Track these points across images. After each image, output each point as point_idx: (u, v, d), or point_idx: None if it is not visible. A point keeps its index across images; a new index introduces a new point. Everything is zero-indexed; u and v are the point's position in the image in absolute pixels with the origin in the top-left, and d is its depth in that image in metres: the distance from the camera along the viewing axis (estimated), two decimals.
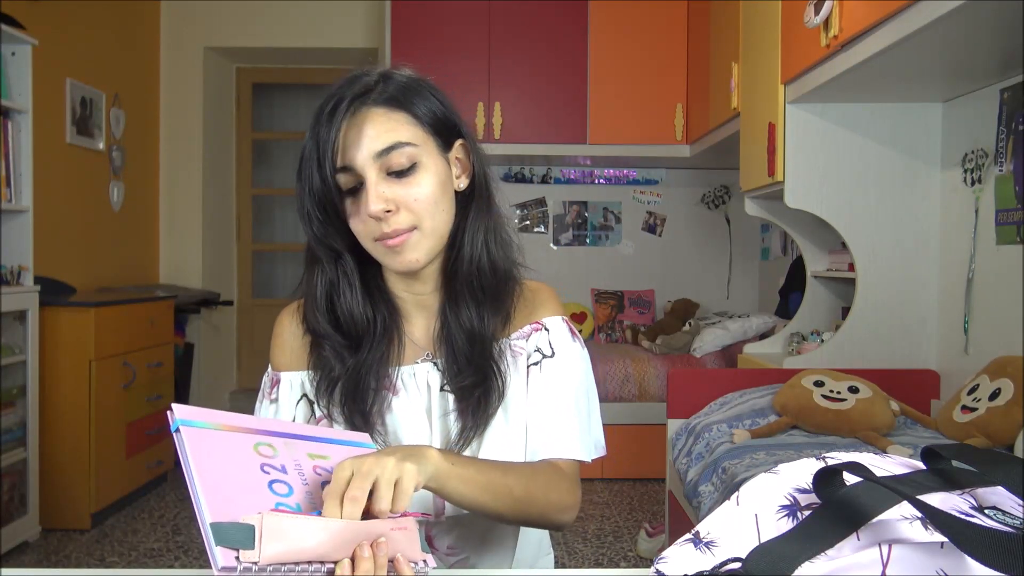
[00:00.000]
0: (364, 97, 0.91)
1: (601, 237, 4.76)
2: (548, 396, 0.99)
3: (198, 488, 0.65)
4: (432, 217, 0.93)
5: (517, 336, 1.02)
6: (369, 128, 0.90)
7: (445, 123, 0.96)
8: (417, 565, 0.72)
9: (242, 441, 0.72)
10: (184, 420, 0.70)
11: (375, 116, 0.91)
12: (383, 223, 0.90)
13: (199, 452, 0.68)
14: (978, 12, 1.62)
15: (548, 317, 1.04)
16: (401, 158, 0.90)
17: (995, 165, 2.30)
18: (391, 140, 0.90)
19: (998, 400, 1.99)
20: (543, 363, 1.01)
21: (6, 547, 2.77)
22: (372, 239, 0.92)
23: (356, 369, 0.97)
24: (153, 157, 4.60)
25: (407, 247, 0.92)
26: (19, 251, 2.96)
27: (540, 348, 1.01)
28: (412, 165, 0.91)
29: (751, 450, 2.11)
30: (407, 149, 0.91)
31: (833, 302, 3.12)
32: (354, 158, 0.89)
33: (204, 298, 4.53)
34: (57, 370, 3.08)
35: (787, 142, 2.65)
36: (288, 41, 4.68)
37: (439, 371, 1.00)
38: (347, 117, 0.90)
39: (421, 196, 0.91)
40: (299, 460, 0.74)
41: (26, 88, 2.96)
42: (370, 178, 0.89)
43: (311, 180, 0.91)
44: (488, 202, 1.01)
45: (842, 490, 0.52)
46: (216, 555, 0.61)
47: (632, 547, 2.97)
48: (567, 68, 4.15)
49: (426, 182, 0.92)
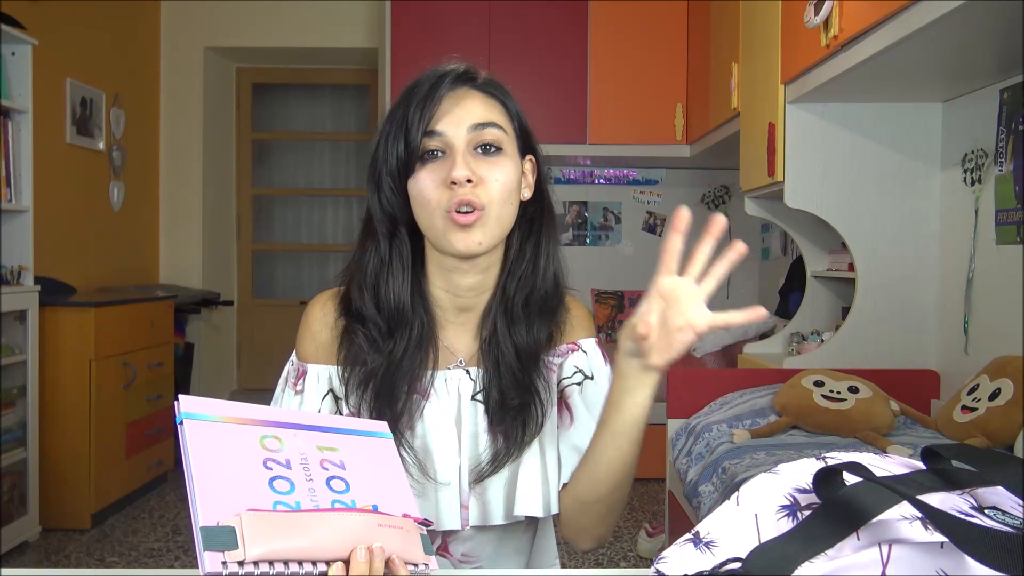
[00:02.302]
0: (464, 79, 0.94)
1: (601, 237, 4.76)
2: (589, 418, 0.99)
3: (194, 489, 0.64)
4: (503, 205, 0.92)
5: (554, 355, 1.01)
6: (468, 103, 0.92)
7: (524, 131, 0.98)
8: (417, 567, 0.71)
9: (247, 434, 0.71)
10: (189, 413, 0.69)
11: (474, 96, 0.94)
12: (460, 190, 0.89)
13: (200, 448, 0.67)
14: (978, 12, 1.62)
15: (584, 339, 1.03)
16: (492, 136, 0.92)
17: (995, 165, 2.29)
18: (488, 118, 0.92)
19: (998, 400, 1.99)
20: (585, 384, 1.00)
21: (6, 547, 2.77)
22: (443, 210, 0.90)
23: (389, 369, 0.94)
24: (153, 157, 4.60)
25: (476, 227, 0.90)
26: (19, 251, 2.96)
27: (581, 369, 1.01)
28: (499, 148, 0.93)
29: (751, 450, 2.11)
30: (498, 132, 0.93)
31: (833, 302, 3.12)
32: (447, 125, 0.91)
33: (204, 298, 4.54)
34: (57, 370, 3.08)
35: (787, 142, 2.65)
36: (288, 41, 4.68)
37: (471, 380, 0.98)
38: (446, 91, 0.92)
39: (502, 178, 0.91)
40: (306, 454, 0.73)
41: (26, 88, 2.96)
42: (459, 147, 0.90)
43: (396, 141, 0.91)
44: (554, 222, 1.01)
45: (842, 490, 0.52)
46: (204, 559, 0.61)
47: (632, 547, 2.97)
48: (567, 68, 4.15)
49: (508, 167, 0.93)
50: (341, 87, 5.20)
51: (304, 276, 5.30)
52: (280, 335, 5.02)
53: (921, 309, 2.65)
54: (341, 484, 0.72)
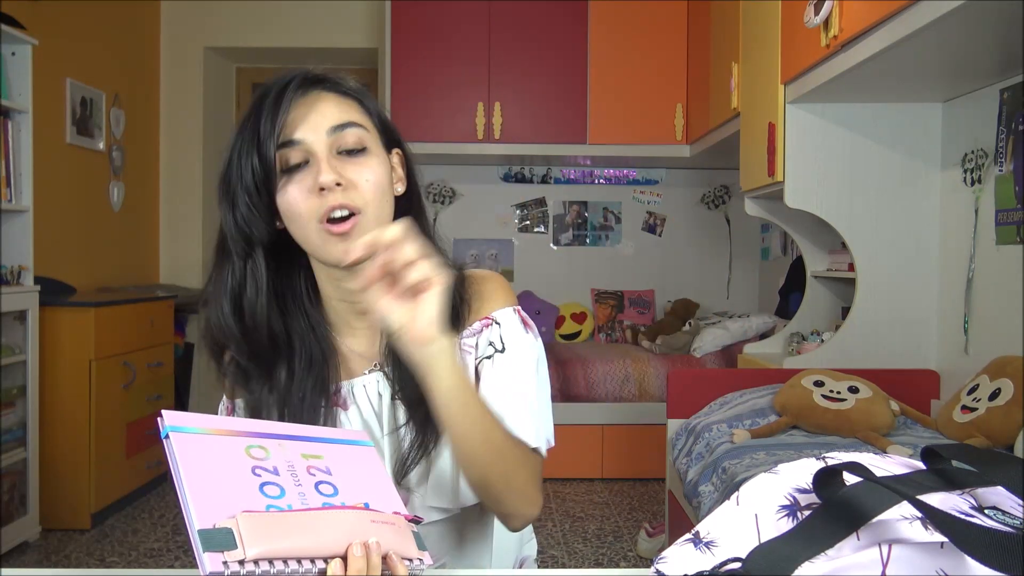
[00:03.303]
0: (315, 83, 0.91)
1: (601, 237, 4.76)
2: (502, 390, 0.94)
3: (187, 494, 0.65)
4: (379, 205, 0.89)
5: (468, 334, 0.97)
6: (322, 106, 0.89)
7: (388, 127, 0.96)
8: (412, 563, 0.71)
9: (233, 445, 0.71)
10: (173, 426, 0.69)
11: (327, 98, 0.90)
12: (331, 196, 0.85)
13: (188, 458, 0.67)
14: (978, 12, 1.62)
15: (498, 310, 0.98)
16: (354, 137, 0.89)
17: (995, 165, 2.30)
18: (345, 118, 0.89)
19: (998, 400, 1.99)
20: (495, 357, 0.95)
21: (6, 547, 2.77)
22: (316, 220, 0.86)
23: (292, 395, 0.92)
24: (153, 157, 4.60)
25: (353, 233, 0.86)
26: (19, 251, 2.96)
27: (492, 342, 0.96)
28: (363, 148, 0.90)
29: (751, 450, 2.11)
30: (360, 131, 0.90)
31: (833, 302, 3.12)
32: (304, 133, 0.87)
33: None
34: (57, 370, 3.08)
35: (787, 142, 2.65)
36: (288, 41, 4.68)
37: (389, 380, 0.96)
38: (297, 97, 0.88)
39: (373, 178, 0.89)
40: (292, 461, 0.73)
41: (26, 88, 2.96)
42: (321, 152, 0.87)
43: (249, 155, 0.87)
44: (424, 212, 1.00)
45: (842, 490, 0.52)
46: (204, 561, 0.61)
47: (632, 547, 2.97)
48: (567, 68, 4.15)
49: (377, 166, 0.90)
50: None
51: None
52: None
53: (921, 309, 2.65)
54: (329, 488, 0.73)
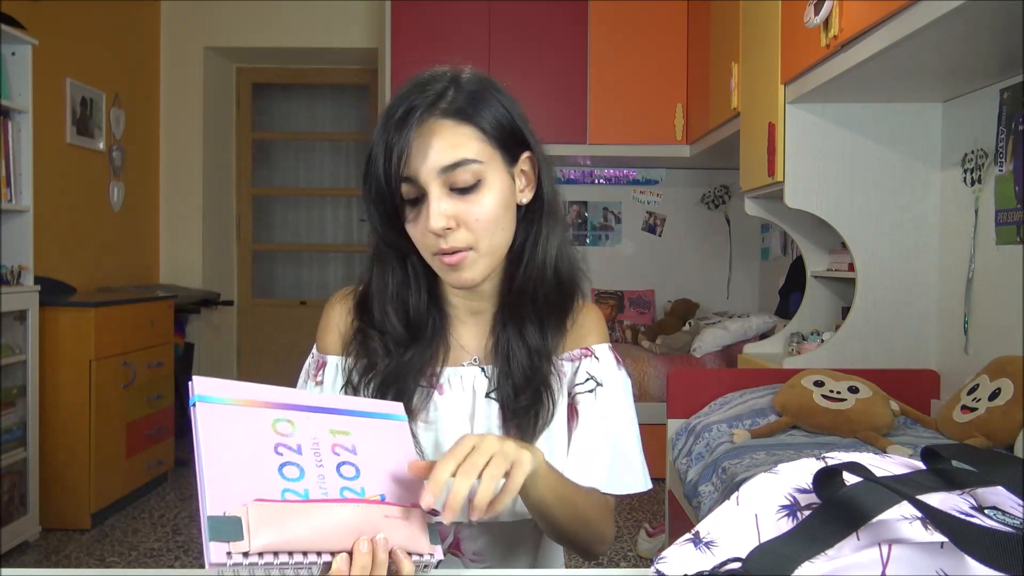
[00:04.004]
0: (433, 107, 0.90)
1: (601, 237, 4.76)
2: (601, 427, 0.99)
3: (204, 477, 0.64)
4: (491, 236, 0.91)
5: (566, 357, 1.01)
6: (436, 141, 0.89)
7: (513, 134, 0.94)
8: (422, 556, 0.71)
9: (260, 418, 0.70)
10: (202, 396, 0.68)
11: (443, 129, 0.89)
12: (442, 239, 0.90)
13: (211, 432, 0.66)
14: (978, 12, 1.62)
15: (597, 344, 1.03)
16: (466, 175, 0.89)
17: (995, 165, 2.30)
18: (457, 156, 0.88)
19: (998, 400, 1.99)
20: (597, 391, 1.00)
21: (6, 547, 2.78)
22: (431, 252, 0.92)
23: (398, 368, 0.97)
24: (153, 157, 4.60)
25: (464, 266, 0.91)
26: (19, 251, 2.96)
27: (593, 376, 1.01)
28: (476, 183, 0.90)
29: (751, 450, 2.11)
30: (472, 166, 0.89)
31: (833, 302, 3.12)
32: (418, 170, 0.88)
33: (204, 298, 4.54)
34: (57, 370, 3.08)
35: (787, 142, 2.65)
36: (288, 41, 4.68)
37: (486, 377, 1.00)
38: (416, 126, 0.89)
39: (483, 215, 0.90)
40: (318, 438, 0.72)
41: (26, 88, 2.96)
42: (433, 193, 0.88)
43: (377, 183, 0.90)
44: (557, 216, 0.99)
45: (842, 490, 0.52)
46: (209, 549, 0.61)
47: (632, 547, 2.97)
48: (567, 68, 4.15)
49: (488, 200, 0.90)
50: (341, 87, 5.20)
51: (304, 276, 5.30)
52: (280, 335, 5.02)
53: (921, 309, 2.65)
54: (351, 470, 0.72)
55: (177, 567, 2.79)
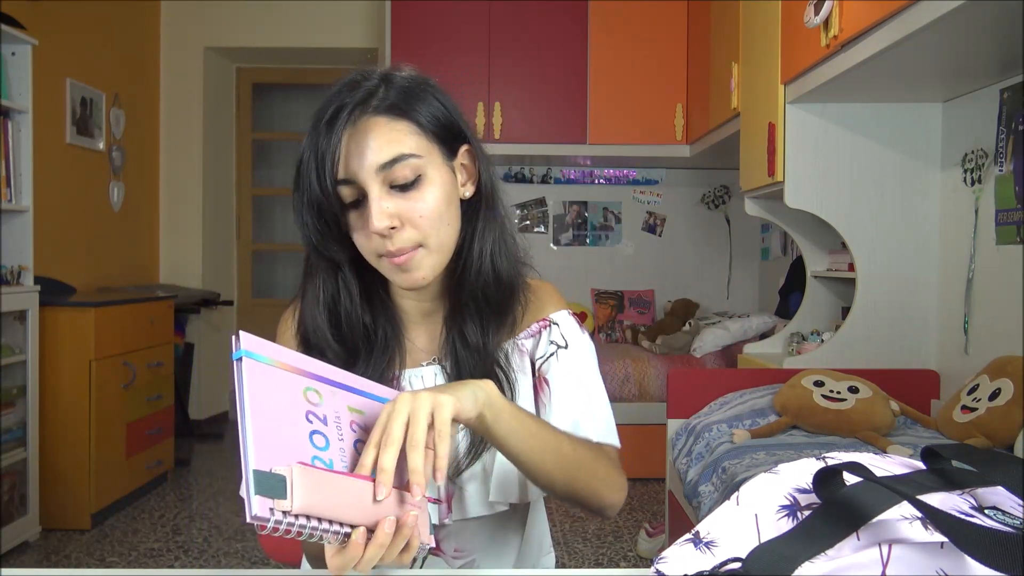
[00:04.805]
0: (365, 105, 0.87)
1: (601, 237, 4.76)
2: (574, 383, 0.98)
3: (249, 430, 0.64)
4: (438, 232, 0.89)
5: (524, 335, 1.01)
6: (372, 139, 0.86)
7: (449, 128, 0.91)
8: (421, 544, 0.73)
9: (294, 384, 0.71)
10: (248, 352, 0.68)
11: (377, 126, 0.86)
12: (388, 240, 0.87)
13: (256, 389, 0.67)
14: (978, 12, 1.62)
15: (555, 312, 1.02)
16: (405, 171, 0.86)
17: (995, 165, 2.30)
18: (395, 152, 0.86)
19: (998, 400, 1.99)
20: (559, 354, 0.99)
21: (6, 547, 2.78)
22: (376, 255, 0.89)
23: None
24: (153, 157, 4.60)
25: (413, 265, 0.89)
26: (19, 251, 2.96)
27: (554, 341, 1.00)
28: (416, 178, 0.87)
29: (751, 450, 2.11)
30: (411, 161, 0.86)
31: (833, 302, 3.12)
32: (356, 171, 0.86)
33: (204, 298, 4.54)
34: (57, 370, 3.08)
35: (787, 142, 2.65)
36: (288, 41, 4.68)
37: (447, 374, 0.98)
38: (348, 126, 0.86)
39: (426, 211, 0.87)
40: (339, 413, 0.74)
41: (26, 88, 2.96)
42: (373, 192, 0.86)
43: (309, 190, 0.87)
44: (494, 210, 0.97)
45: (842, 490, 0.52)
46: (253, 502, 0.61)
47: (632, 547, 2.97)
48: (567, 68, 4.15)
49: (431, 195, 0.88)
50: None
51: None
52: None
53: (921, 309, 2.65)
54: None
55: (177, 567, 2.79)
